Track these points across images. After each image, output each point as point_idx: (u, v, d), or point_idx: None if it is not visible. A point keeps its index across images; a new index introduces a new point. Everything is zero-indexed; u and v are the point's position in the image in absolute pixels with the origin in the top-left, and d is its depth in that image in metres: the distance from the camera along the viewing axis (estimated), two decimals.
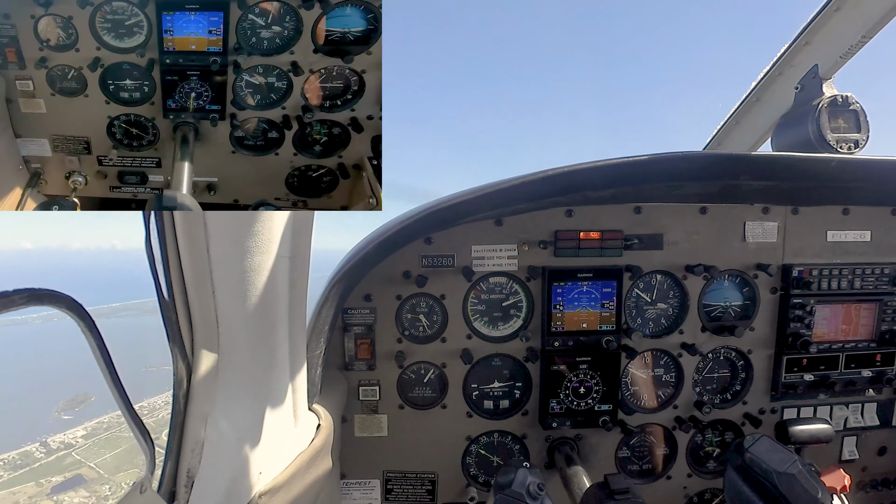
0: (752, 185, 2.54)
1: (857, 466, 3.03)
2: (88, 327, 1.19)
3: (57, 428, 48.58)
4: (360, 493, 2.84)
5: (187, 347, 1.53)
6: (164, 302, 1.45)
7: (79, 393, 51.94)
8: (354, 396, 2.73)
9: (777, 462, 1.98)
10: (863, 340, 2.86)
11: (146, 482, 1.38)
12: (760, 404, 2.91)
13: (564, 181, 2.26)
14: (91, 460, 43.28)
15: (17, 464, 43.72)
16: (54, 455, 44.39)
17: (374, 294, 2.65)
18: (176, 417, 1.52)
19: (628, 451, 2.94)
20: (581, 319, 2.71)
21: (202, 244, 1.42)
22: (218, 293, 1.48)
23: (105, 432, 46.50)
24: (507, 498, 1.84)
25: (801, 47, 2.64)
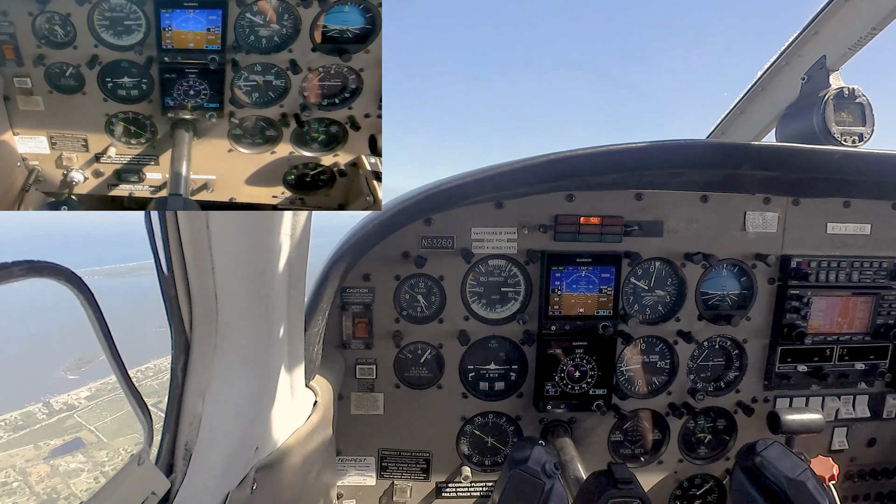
0: (754, 174, 2.53)
1: (845, 456, 3.08)
2: (87, 300, 1.20)
3: (62, 388, 48.48)
4: (355, 470, 2.90)
5: (186, 322, 1.54)
6: (163, 277, 1.46)
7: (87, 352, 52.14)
8: (351, 375, 2.77)
9: (788, 468, 2.01)
10: (858, 333, 2.88)
11: (144, 454, 1.41)
12: (753, 393, 2.95)
13: (566, 166, 2.26)
14: (92, 423, 43.00)
15: (18, 425, 43.39)
16: (56, 417, 44.13)
17: (373, 274, 2.67)
18: (174, 391, 1.54)
19: (621, 435, 2.99)
20: (578, 304, 2.72)
21: (202, 220, 1.42)
22: (217, 269, 1.49)
23: (108, 394, 46.31)
24: (522, 473, 1.87)
25: (810, 37, 2.59)
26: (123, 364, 1.35)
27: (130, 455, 1.41)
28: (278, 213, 1.54)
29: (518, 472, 1.87)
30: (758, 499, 2.07)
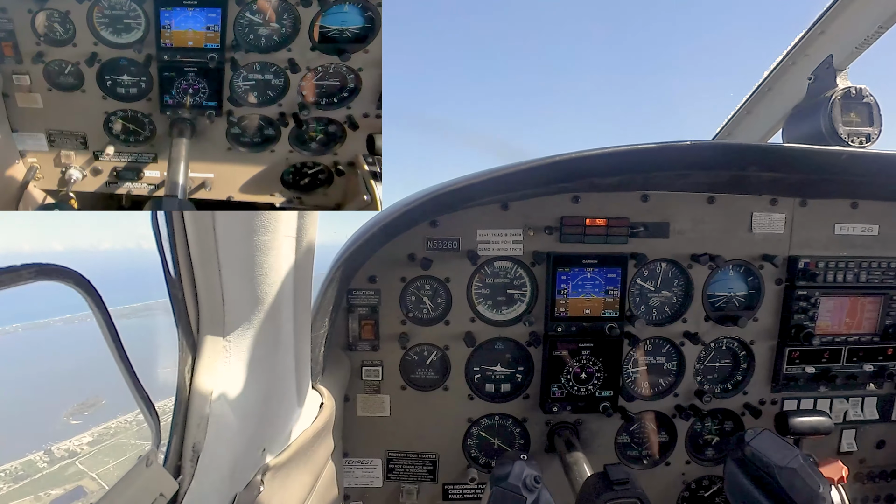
0: (760, 175, 2.50)
1: (854, 458, 3.05)
2: (96, 303, 1.20)
3: (64, 434, 48.06)
4: (362, 472, 2.89)
5: (193, 325, 1.54)
6: (171, 280, 1.46)
7: (90, 396, 51.65)
8: (357, 376, 2.77)
9: (778, 457, 1.99)
10: (866, 334, 2.84)
11: (152, 455, 1.41)
12: (761, 395, 2.91)
13: (572, 167, 2.25)
14: (94, 470, 42.68)
15: (19, 475, 43.01)
16: (57, 464, 43.75)
17: (379, 276, 2.66)
18: (181, 393, 1.53)
19: (628, 437, 2.96)
20: (585, 305, 2.71)
21: (209, 223, 1.42)
22: (224, 272, 1.49)
23: (111, 438, 45.99)
24: (503, 491, 1.85)
25: (816, 37, 2.56)
26: (132, 366, 1.35)
27: (139, 457, 1.40)
28: (284, 214, 1.54)
29: (499, 489, 1.85)
30: (751, 489, 2.05)
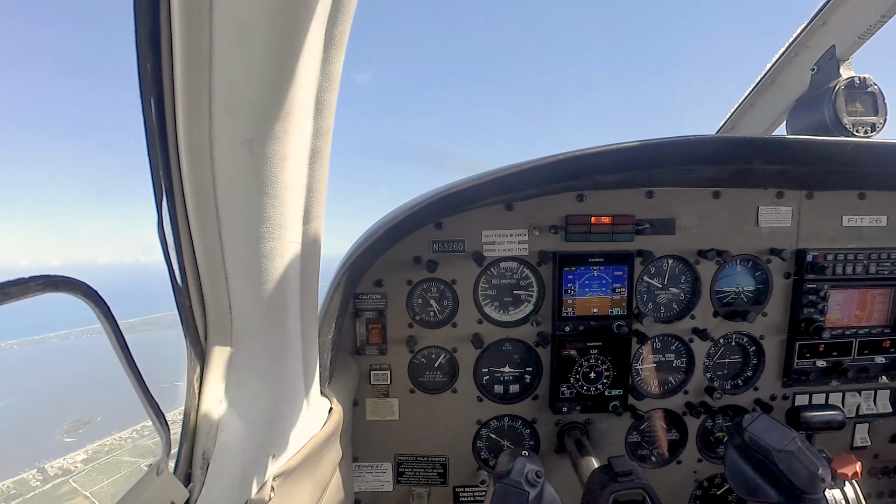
0: (765, 169, 2.49)
1: (868, 453, 3.02)
2: (104, 313, 1.19)
3: (58, 452, 47.35)
4: (372, 476, 2.87)
5: (200, 333, 1.54)
6: (178, 288, 1.46)
7: (85, 413, 50.82)
8: (366, 380, 2.74)
9: (775, 440, 1.98)
10: (877, 326, 2.82)
11: (162, 464, 1.40)
12: (772, 390, 2.89)
13: (575, 165, 2.24)
14: (88, 488, 41.95)
15: (11, 494, 42.28)
16: (50, 483, 43.09)
17: (385, 279, 2.65)
18: (190, 401, 1.54)
19: (638, 435, 2.94)
20: (592, 304, 2.69)
21: (214, 230, 1.42)
22: (230, 279, 1.49)
23: (105, 456, 45.18)
24: (506, 486, 1.85)
25: (818, 27, 2.56)
26: (142, 376, 1.34)
27: (149, 465, 1.40)
28: (290, 220, 1.54)
29: (501, 485, 1.86)
30: (751, 475, 2.03)
